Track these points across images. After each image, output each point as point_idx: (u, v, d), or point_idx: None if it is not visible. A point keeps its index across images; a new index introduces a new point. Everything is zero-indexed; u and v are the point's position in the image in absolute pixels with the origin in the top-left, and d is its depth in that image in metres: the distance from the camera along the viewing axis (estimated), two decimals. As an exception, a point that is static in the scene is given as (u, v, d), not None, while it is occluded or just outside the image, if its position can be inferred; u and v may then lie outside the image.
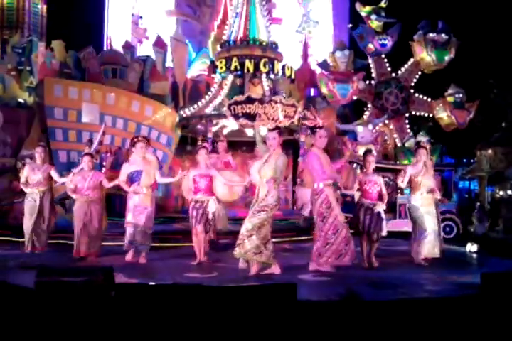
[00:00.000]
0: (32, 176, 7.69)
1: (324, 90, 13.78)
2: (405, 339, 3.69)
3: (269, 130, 6.40)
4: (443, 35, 14.01)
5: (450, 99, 14.12)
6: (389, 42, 14.08)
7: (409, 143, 13.83)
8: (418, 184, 7.00)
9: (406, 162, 13.61)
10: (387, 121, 14.27)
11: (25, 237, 7.66)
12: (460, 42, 14.28)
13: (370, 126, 13.33)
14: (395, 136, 14.35)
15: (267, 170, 5.91)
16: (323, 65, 14.58)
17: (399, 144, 14.20)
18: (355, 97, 14.06)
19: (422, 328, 3.78)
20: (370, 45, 14.10)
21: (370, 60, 14.39)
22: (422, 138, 13.63)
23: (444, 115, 14.23)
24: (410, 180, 7.03)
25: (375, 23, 14.39)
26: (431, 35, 13.99)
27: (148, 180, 6.89)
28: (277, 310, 3.63)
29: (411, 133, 14.36)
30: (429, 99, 14.65)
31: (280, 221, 10.01)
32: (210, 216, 6.76)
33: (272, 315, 3.59)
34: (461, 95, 14.14)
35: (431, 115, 14.71)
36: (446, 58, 14.15)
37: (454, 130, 14.57)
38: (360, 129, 12.99)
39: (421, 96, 14.66)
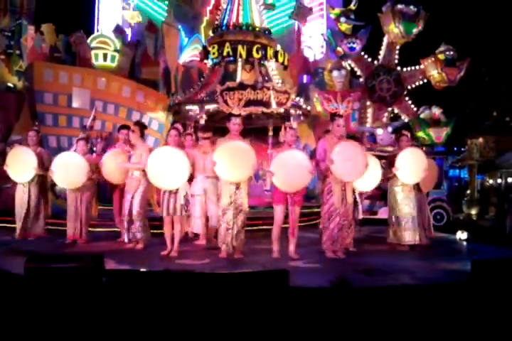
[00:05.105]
0: None
1: (319, 108, 13.72)
2: (395, 325, 3.71)
3: (233, 116, 6.44)
4: (411, 6, 13.91)
5: (441, 56, 14.05)
6: (358, 46, 13.91)
7: (425, 115, 13.89)
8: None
9: (421, 134, 13.73)
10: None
11: (17, 223, 7.63)
12: (429, 14, 14.13)
13: (390, 129, 13.32)
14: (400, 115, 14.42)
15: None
16: (320, 83, 14.58)
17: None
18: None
19: (412, 315, 3.80)
20: (339, 48, 14.01)
21: (349, 61, 14.27)
22: (436, 109, 13.68)
23: (434, 72, 14.18)
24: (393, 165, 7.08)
25: (344, 26, 14.30)
26: (399, 6, 13.88)
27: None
28: (269, 296, 3.63)
29: (423, 107, 14.35)
30: (417, 67, 14.58)
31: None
32: (183, 201, 6.40)
33: (264, 302, 3.59)
34: (452, 52, 14.09)
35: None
36: (414, 30, 14.07)
37: (444, 88, 14.53)
38: (379, 132, 12.99)
39: (408, 68, 14.59)
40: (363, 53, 14.10)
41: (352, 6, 14.53)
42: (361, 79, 14.22)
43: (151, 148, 6.89)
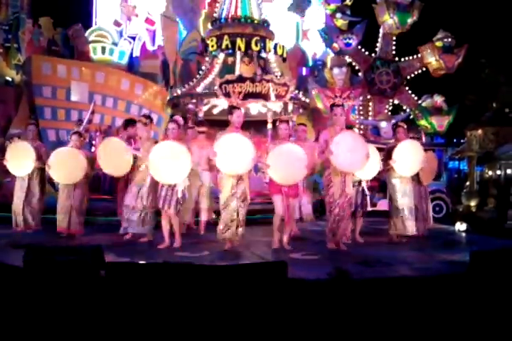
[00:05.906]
0: None
1: (319, 105, 13.67)
2: (394, 317, 3.72)
3: (236, 108, 6.41)
4: None
5: (439, 43, 14.02)
6: (354, 42, 13.83)
7: (427, 103, 13.89)
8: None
9: (423, 122, 13.74)
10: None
11: (15, 216, 7.65)
12: (423, 4, 14.03)
13: (394, 122, 13.32)
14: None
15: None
16: (320, 80, 14.54)
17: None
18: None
19: (412, 306, 3.81)
20: (335, 44, 13.94)
21: (346, 57, 14.21)
22: (438, 98, 13.68)
23: (432, 59, 14.15)
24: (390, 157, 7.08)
25: (340, 22, 14.21)
26: None
27: None
28: (268, 288, 3.64)
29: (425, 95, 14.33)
30: (415, 56, 14.53)
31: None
32: (180, 195, 6.33)
33: (263, 293, 3.60)
34: (449, 39, 14.05)
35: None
36: (409, 21, 14.00)
37: (442, 76, 14.51)
38: (383, 125, 12.99)
39: (406, 58, 14.53)
40: (360, 47, 14.04)
41: (348, 2, 14.49)
42: (360, 74, 14.16)
43: (157, 141, 6.83)
